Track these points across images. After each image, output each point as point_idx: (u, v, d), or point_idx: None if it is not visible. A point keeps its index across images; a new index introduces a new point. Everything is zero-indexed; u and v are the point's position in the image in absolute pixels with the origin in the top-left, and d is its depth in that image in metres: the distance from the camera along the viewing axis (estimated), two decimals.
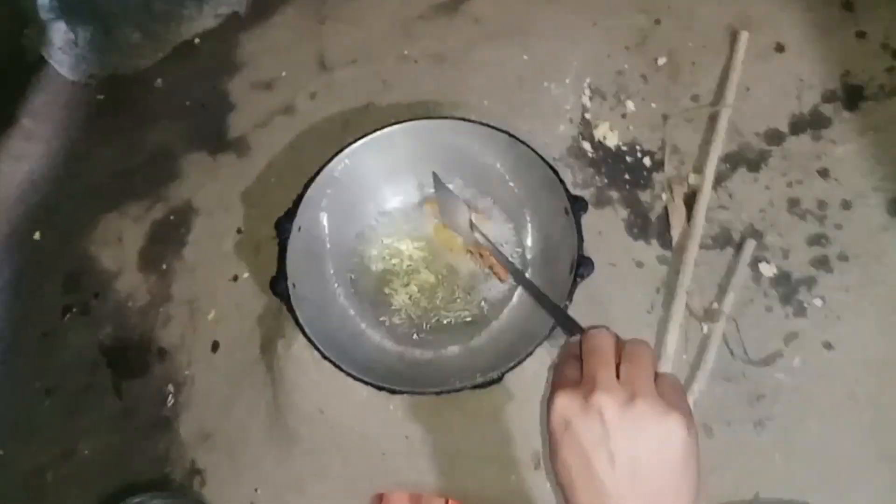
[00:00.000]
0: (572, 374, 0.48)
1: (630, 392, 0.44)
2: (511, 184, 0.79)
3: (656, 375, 0.46)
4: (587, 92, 0.94)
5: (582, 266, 0.68)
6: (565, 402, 0.45)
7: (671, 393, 0.45)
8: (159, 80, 1.04)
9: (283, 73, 1.01)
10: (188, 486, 0.83)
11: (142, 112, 1.03)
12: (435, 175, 0.82)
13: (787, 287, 0.84)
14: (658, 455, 0.43)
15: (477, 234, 0.78)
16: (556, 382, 0.48)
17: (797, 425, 0.78)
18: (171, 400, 0.87)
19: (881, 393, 0.79)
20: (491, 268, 0.80)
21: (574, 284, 0.68)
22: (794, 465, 0.77)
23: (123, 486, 0.83)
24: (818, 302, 0.83)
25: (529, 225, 0.80)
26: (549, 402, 0.47)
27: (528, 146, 0.75)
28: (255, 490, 0.81)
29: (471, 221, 0.79)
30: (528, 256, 0.80)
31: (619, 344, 0.48)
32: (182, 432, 0.85)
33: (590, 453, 0.43)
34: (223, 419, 0.84)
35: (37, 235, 0.98)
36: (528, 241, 0.81)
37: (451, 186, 0.82)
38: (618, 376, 0.46)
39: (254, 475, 0.82)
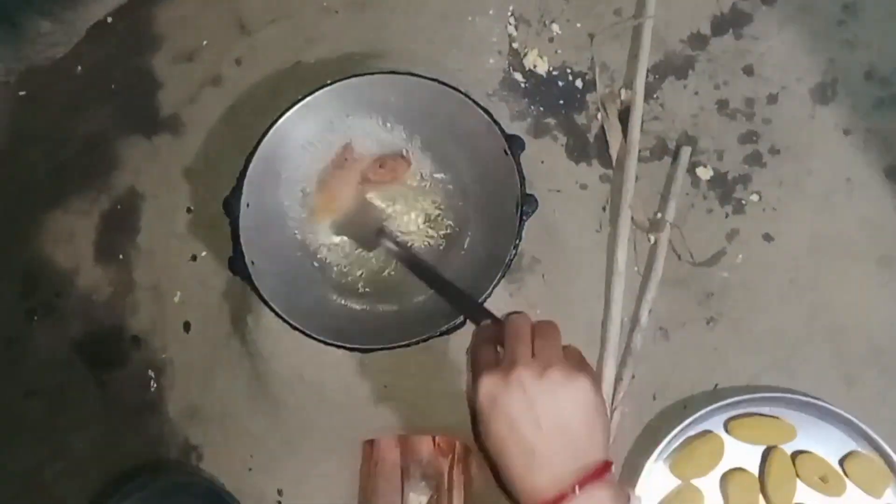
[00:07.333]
0: (490, 356, 0.56)
1: (544, 364, 0.53)
2: (447, 130, 0.80)
3: (564, 348, 0.56)
4: (512, 20, 0.93)
5: (526, 204, 0.70)
6: (490, 382, 0.53)
7: (576, 360, 0.56)
8: (79, 67, 1.00)
9: (204, 42, 0.98)
10: (186, 462, 0.87)
11: (67, 102, 1.00)
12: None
13: (724, 187, 0.88)
14: (574, 412, 0.52)
15: (388, 244, 0.77)
16: (477, 366, 0.56)
17: (746, 317, 0.84)
18: (153, 384, 0.89)
19: (819, 275, 0.84)
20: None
21: (521, 223, 0.70)
22: (746, 355, 0.83)
23: (123, 472, 0.86)
24: (755, 197, 0.87)
25: (469, 169, 0.81)
26: (474, 384, 0.54)
27: (459, 91, 0.75)
28: (251, 456, 0.85)
29: (384, 230, 0.78)
30: (471, 200, 0.81)
31: (533, 324, 0.57)
32: (170, 413, 0.88)
33: (517, 421, 0.51)
34: (208, 395, 0.87)
35: None
36: (469, 187, 0.81)
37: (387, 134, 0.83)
38: (533, 353, 0.54)
39: (246, 443, 0.86)
